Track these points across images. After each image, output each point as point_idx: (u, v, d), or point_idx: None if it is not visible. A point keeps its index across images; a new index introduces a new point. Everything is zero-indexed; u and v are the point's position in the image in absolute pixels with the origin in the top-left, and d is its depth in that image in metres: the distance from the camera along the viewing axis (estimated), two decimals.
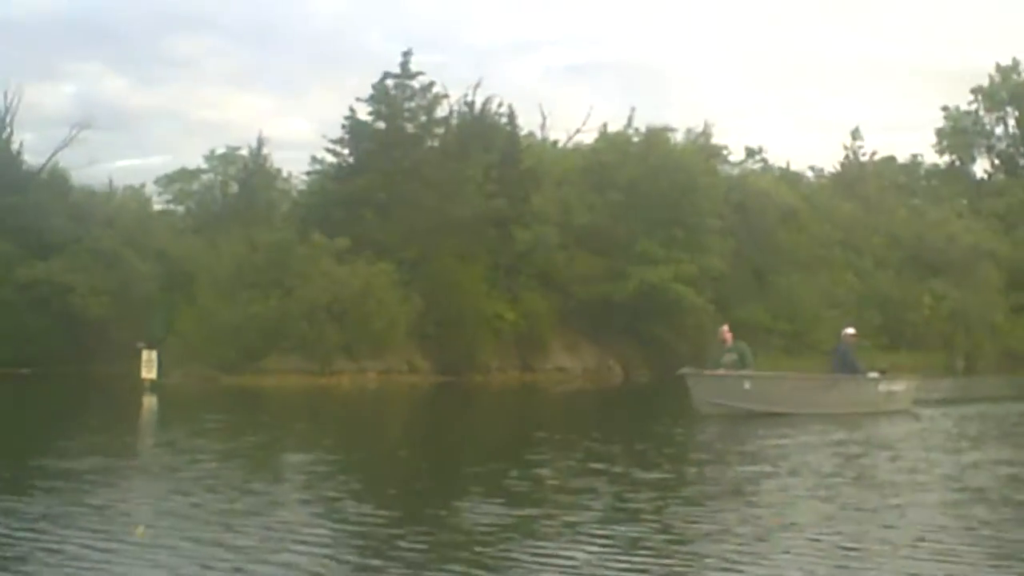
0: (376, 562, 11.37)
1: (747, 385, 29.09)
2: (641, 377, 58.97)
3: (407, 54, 59.98)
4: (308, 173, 65.13)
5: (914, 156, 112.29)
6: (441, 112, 62.85)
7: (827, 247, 76.81)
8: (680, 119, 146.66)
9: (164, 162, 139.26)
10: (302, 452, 21.36)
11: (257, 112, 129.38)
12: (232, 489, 15.96)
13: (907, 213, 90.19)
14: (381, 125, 59.94)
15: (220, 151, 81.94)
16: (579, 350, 62.37)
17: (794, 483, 16.78)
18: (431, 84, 60.64)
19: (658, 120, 71.34)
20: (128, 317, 56.98)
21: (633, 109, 71.40)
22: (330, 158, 61.16)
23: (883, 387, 31.75)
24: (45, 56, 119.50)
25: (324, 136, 61.14)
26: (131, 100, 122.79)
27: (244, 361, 51.95)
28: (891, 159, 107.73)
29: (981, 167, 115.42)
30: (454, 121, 64.32)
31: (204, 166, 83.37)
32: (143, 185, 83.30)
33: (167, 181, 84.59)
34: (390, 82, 59.81)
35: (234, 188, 72.47)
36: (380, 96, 59.61)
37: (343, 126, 59.77)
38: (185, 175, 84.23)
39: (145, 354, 45.55)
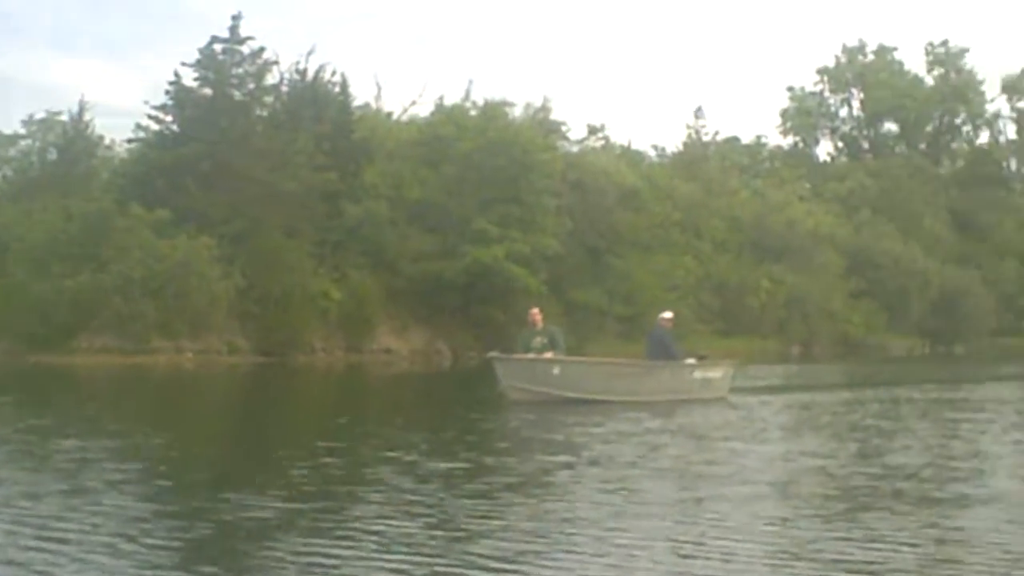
0: (115, 562, 10.13)
1: (556, 370, 27.49)
2: (471, 360, 57.14)
3: (236, 18, 57.44)
4: (130, 141, 62.45)
5: (758, 137, 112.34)
6: (271, 80, 60.55)
7: (666, 229, 75.98)
8: (518, 94, 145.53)
9: None
10: (82, 437, 19.46)
11: (83, 76, 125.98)
12: None
13: (748, 195, 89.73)
14: (207, 92, 57.36)
15: (40, 116, 79.11)
16: (407, 332, 60.54)
17: (593, 474, 15.85)
18: (261, 50, 58.26)
19: (497, 95, 69.72)
20: None
21: (470, 82, 70.03)
22: (154, 126, 58.38)
23: (699, 374, 30.45)
24: None
25: (146, 102, 58.54)
26: None
27: (56, 338, 49.58)
28: (734, 140, 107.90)
29: (825, 150, 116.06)
30: (285, 89, 62.11)
31: (22, 131, 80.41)
32: None
33: None
34: (218, 47, 57.19)
35: (53, 155, 69.53)
36: (207, 61, 57.06)
37: (167, 92, 57.21)
38: (0, 140, 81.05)
39: None
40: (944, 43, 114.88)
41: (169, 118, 57.54)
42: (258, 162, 55.40)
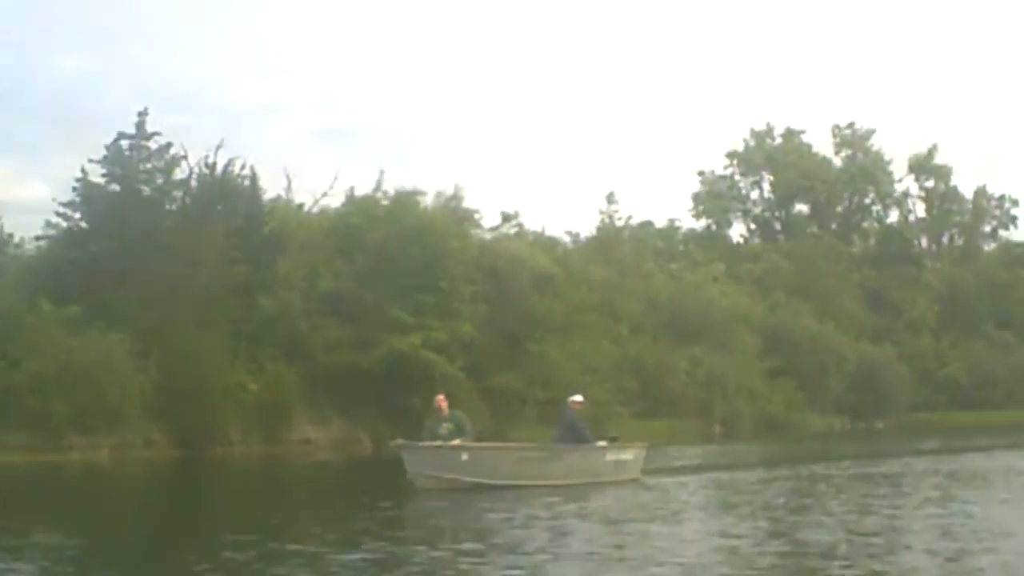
0: None
1: (464, 456, 27.43)
2: (391, 448, 56.98)
3: (142, 114, 57.13)
4: (38, 238, 61.81)
5: (671, 221, 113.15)
6: (181, 174, 60.12)
7: (582, 312, 75.95)
8: (431, 184, 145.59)
9: None
10: None
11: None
12: None
13: (664, 278, 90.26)
14: (115, 188, 56.95)
15: None
16: (327, 421, 60.02)
17: (503, 561, 15.66)
18: (168, 145, 57.84)
19: (408, 184, 69.63)
20: None
21: (382, 172, 69.47)
22: (63, 223, 57.87)
23: (611, 456, 30.67)
24: None
25: (54, 199, 58.08)
26: None
27: None
28: (648, 223, 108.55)
29: (737, 231, 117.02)
30: (194, 184, 61.77)
31: None
32: None
33: None
34: (125, 143, 56.91)
35: None
36: (114, 157, 56.63)
37: (74, 188, 56.72)
38: None
39: None
40: (851, 125, 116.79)
41: (77, 215, 57.05)
42: (168, 257, 54.87)
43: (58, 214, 57.12)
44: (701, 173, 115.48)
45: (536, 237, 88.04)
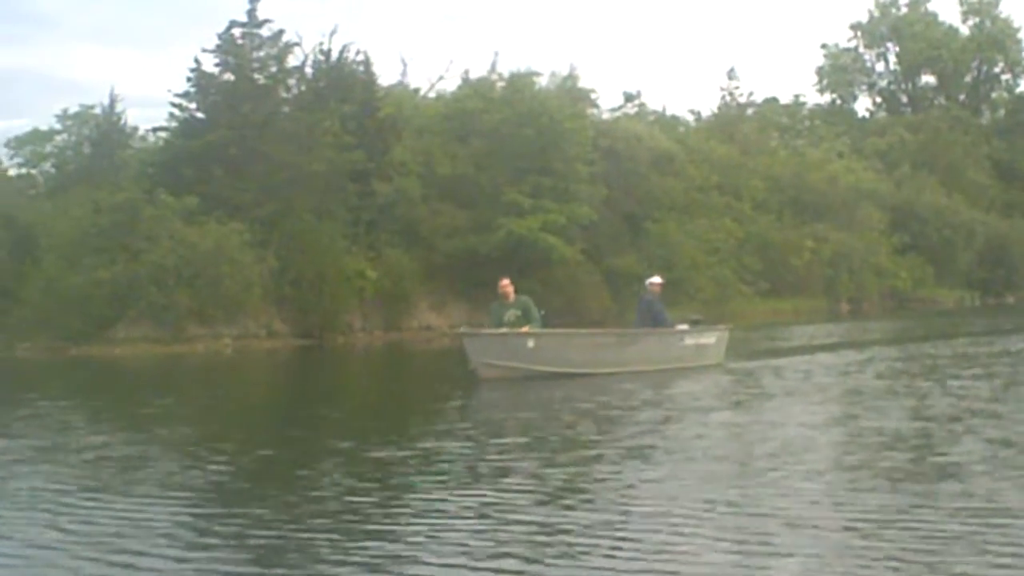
0: None
1: (531, 343, 26.23)
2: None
3: (254, 1, 56.89)
4: (156, 130, 62.19)
5: (796, 96, 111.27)
6: (294, 62, 59.96)
7: (704, 191, 75.17)
8: (546, 65, 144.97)
9: (27, 124, 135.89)
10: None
11: (121, 69, 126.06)
12: None
13: (787, 155, 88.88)
14: (229, 77, 56.87)
15: (74, 110, 79.16)
16: (446, 307, 59.90)
17: (530, 456, 15.00)
18: (280, 32, 57.58)
19: (523, 66, 69.00)
20: None
21: (496, 54, 69.64)
22: (178, 113, 57.95)
23: (690, 340, 29.45)
24: None
25: (169, 91, 58.25)
26: None
27: (93, 330, 49.41)
28: (773, 100, 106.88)
29: (863, 105, 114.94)
30: (309, 71, 61.59)
31: (57, 127, 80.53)
32: None
33: (18, 144, 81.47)
34: (237, 31, 56.72)
35: (87, 149, 69.42)
36: (227, 46, 56.49)
37: (188, 79, 56.73)
38: (37, 136, 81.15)
39: None
40: None
41: (193, 105, 57.09)
42: (285, 145, 54.81)
43: (174, 105, 57.20)
44: (825, 46, 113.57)
45: (657, 116, 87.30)
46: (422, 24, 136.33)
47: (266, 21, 57.11)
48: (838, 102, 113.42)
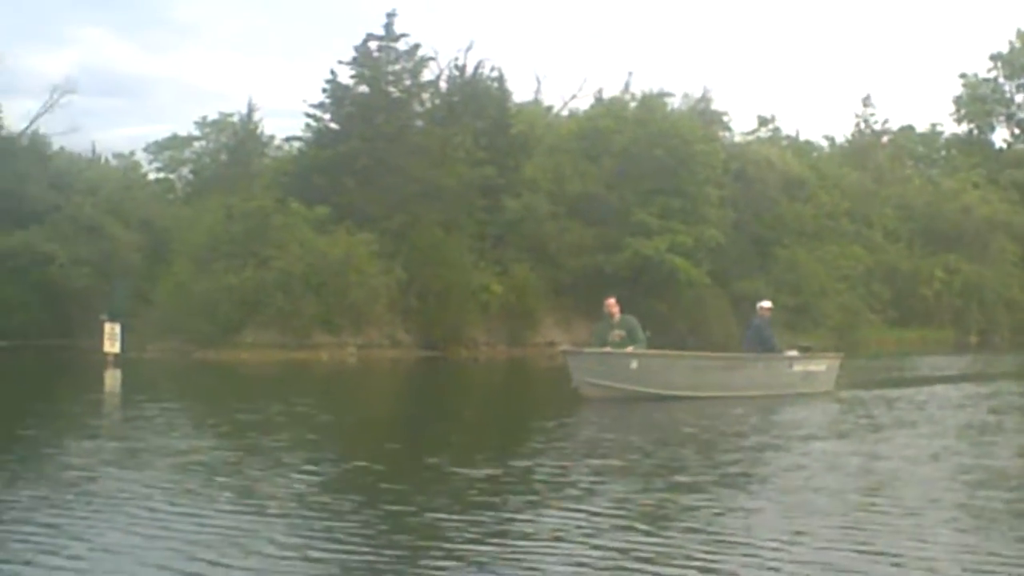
0: None
1: (634, 364, 25.96)
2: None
3: (391, 15, 57.34)
4: (289, 139, 63.04)
5: (933, 125, 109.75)
6: (429, 76, 60.48)
7: (834, 218, 74.58)
8: (680, 86, 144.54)
9: (167, 130, 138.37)
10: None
11: (260, 78, 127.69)
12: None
13: (920, 184, 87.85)
14: (364, 89, 57.41)
15: (212, 117, 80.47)
16: (571, 324, 59.85)
17: (618, 482, 14.80)
18: (416, 46, 58.15)
19: (657, 87, 69.04)
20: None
21: (630, 74, 69.63)
22: (312, 123, 58.64)
23: (799, 367, 28.95)
24: (47, 21, 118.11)
25: (304, 101, 58.94)
26: (134, 67, 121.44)
27: (220, 334, 50.09)
28: (909, 128, 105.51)
29: (1000, 136, 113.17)
30: (443, 85, 62.03)
31: (196, 133, 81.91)
32: (132, 153, 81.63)
33: (157, 148, 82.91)
34: (373, 44, 57.29)
35: (224, 156, 70.51)
36: (363, 59, 57.06)
37: (323, 90, 57.38)
38: (176, 142, 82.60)
39: (108, 327, 43.66)
40: None
41: (327, 116, 57.70)
42: (416, 158, 55.27)
43: (308, 115, 57.90)
44: (963, 76, 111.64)
45: (791, 142, 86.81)
46: (558, 42, 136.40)
47: (402, 35, 57.79)
48: (975, 132, 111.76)
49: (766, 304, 30.04)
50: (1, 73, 62.44)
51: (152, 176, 79.99)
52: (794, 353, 29.38)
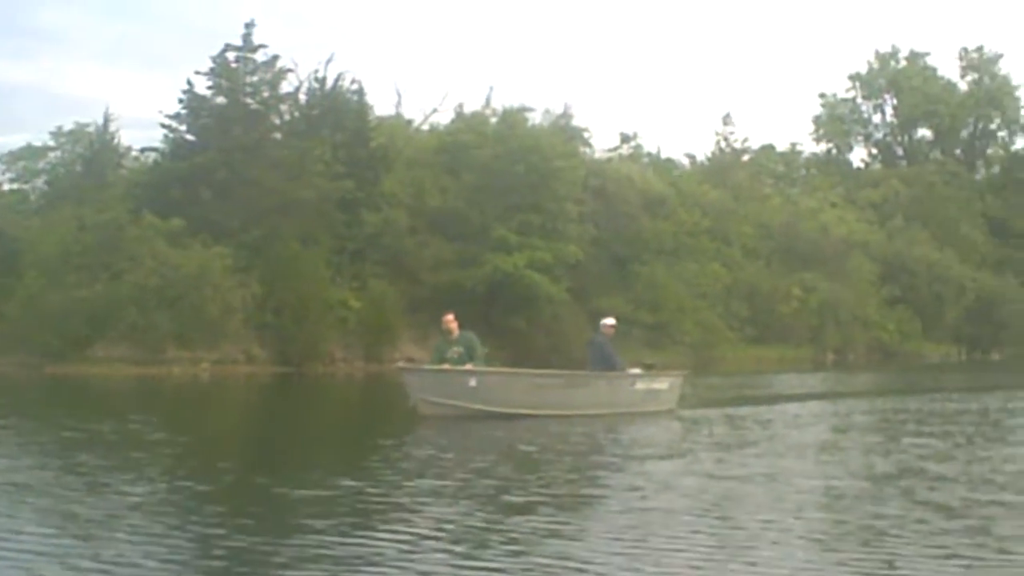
0: None
1: (472, 381, 25.26)
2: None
3: (249, 26, 56.73)
4: (143, 150, 62.04)
5: (793, 145, 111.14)
6: (288, 88, 59.92)
7: (694, 236, 75.04)
8: (542, 102, 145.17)
9: (24, 140, 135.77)
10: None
11: (122, 89, 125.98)
12: None
13: (780, 202, 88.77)
14: (221, 100, 56.66)
15: (69, 127, 78.96)
16: (429, 340, 58.92)
17: (431, 502, 14.38)
18: (275, 58, 57.56)
19: (518, 102, 68.96)
20: None
21: (491, 89, 69.25)
22: (168, 135, 57.77)
23: (641, 385, 28.22)
24: None
25: (160, 111, 58.13)
26: None
27: (71, 349, 49.15)
28: (770, 147, 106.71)
29: (859, 156, 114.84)
30: (303, 98, 61.45)
31: (51, 143, 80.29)
32: None
33: (11, 159, 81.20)
34: (231, 55, 56.58)
35: (79, 167, 69.11)
36: (220, 70, 56.34)
37: (180, 101, 56.56)
38: (31, 152, 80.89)
39: None
40: (979, 49, 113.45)
41: (183, 127, 56.90)
42: (273, 171, 54.69)
43: (163, 126, 57.05)
44: (823, 95, 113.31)
45: (652, 159, 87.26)
46: (418, 55, 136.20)
47: (261, 46, 57.22)
48: (834, 152, 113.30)
49: (609, 321, 29.28)
50: None
51: (7, 187, 78.27)
52: (637, 371, 28.83)
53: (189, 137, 56.86)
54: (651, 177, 75.52)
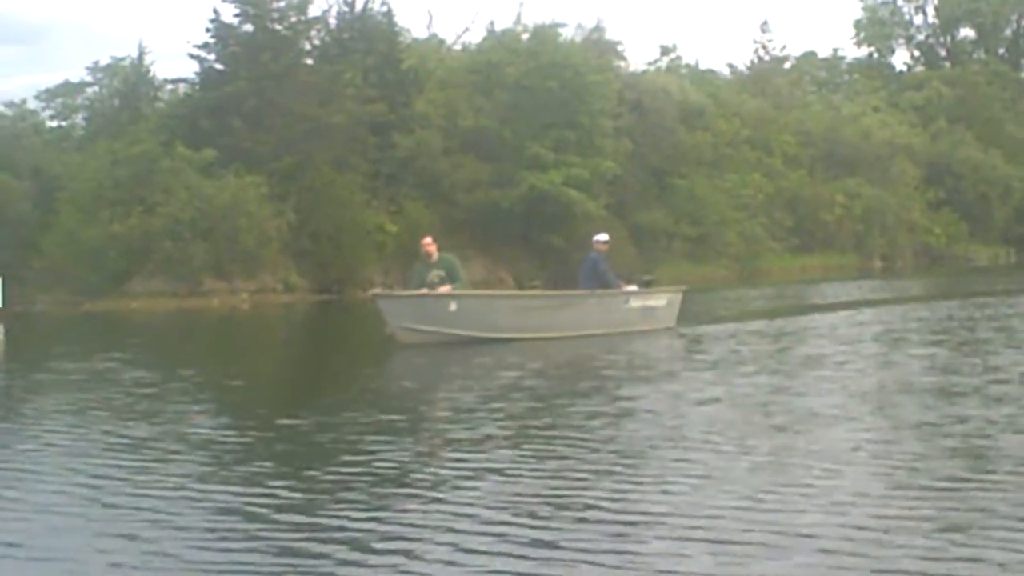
0: None
1: (453, 306, 24.49)
2: (534, 287, 56.25)
3: None
4: (174, 81, 61.71)
5: (835, 50, 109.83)
6: (315, 12, 59.42)
7: (734, 146, 74.26)
8: (574, 17, 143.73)
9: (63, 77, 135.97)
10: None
11: (152, 19, 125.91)
12: None
13: (820, 109, 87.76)
14: (248, 28, 56.22)
15: (104, 62, 78.93)
16: (468, 262, 58.69)
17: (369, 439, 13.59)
18: None
19: (549, 18, 68.33)
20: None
21: (521, 5, 68.44)
22: (196, 65, 57.45)
23: (636, 302, 27.44)
24: None
25: (188, 42, 57.82)
26: (37, 13, 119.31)
27: (109, 284, 49.23)
28: (811, 54, 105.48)
29: (900, 59, 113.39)
30: (333, 21, 61.04)
31: (89, 79, 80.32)
32: (24, 101, 79.86)
33: (49, 96, 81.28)
34: None
35: (116, 101, 69.02)
36: None
37: (207, 30, 56.17)
38: (68, 89, 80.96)
39: None
40: None
41: (212, 56, 56.54)
42: (304, 97, 54.31)
43: (191, 56, 56.66)
44: None
45: (689, 70, 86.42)
46: None
47: None
48: (875, 56, 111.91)
49: (602, 238, 27.93)
50: None
51: (49, 124, 78.36)
52: (632, 288, 27.92)
53: (218, 67, 56.45)
54: (688, 88, 74.66)
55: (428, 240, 25.94)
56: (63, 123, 78.27)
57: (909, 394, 15.64)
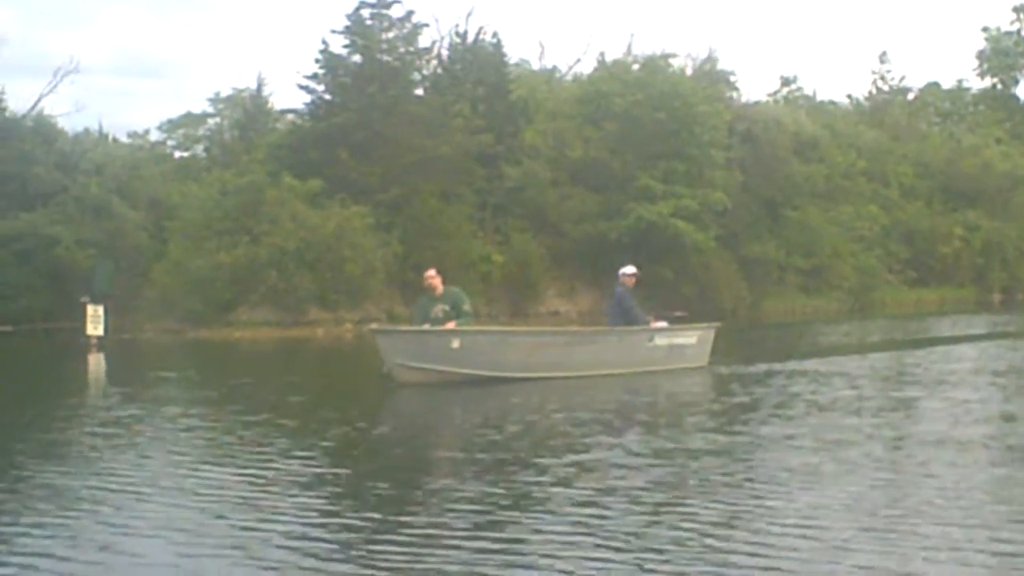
0: None
1: (456, 343, 22.78)
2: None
3: None
4: (282, 111, 62.25)
5: (959, 82, 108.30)
6: (424, 43, 59.64)
7: (849, 177, 73.40)
8: (686, 48, 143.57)
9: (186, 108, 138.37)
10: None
11: (268, 52, 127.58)
12: None
13: (939, 140, 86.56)
14: (357, 58, 56.55)
15: (225, 93, 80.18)
16: (575, 293, 59.20)
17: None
18: (410, 13, 57.07)
19: (660, 49, 68.13)
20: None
21: (632, 36, 68.49)
22: (306, 96, 57.89)
23: (661, 340, 25.57)
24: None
25: (298, 72, 58.30)
26: (168, 46, 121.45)
27: (214, 313, 49.52)
28: (934, 85, 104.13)
29: None
30: (444, 52, 61.23)
31: (210, 110, 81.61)
32: (147, 131, 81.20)
33: (171, 127, 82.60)
34: (365, 12, 56.32)
35: (236, 131, 69.84)
36: (355, 27, 56.17)
37: (316, 60, 56.57)
38: (190, 120, 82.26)
39: (90, 309, 42.87)
40: None
41: (321, 87, 56.90)
42: (412, 127, 54.40)
43: (300, 87, 57.09)
44: (986, 29, 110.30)
45: (808, 101, 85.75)
46: (561, 5, 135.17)
47: (395, 1, 56.74)
48: (998, 87, 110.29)
49: (629, 271, 26.13)
50: (6, 53, 61.26)
51: (177, 155, 79.52)
52: (661, 325, 26.21)
53: (327, 97, 56.79)
54: (802, 119, 74.01)
55: (431, 273, 24.87)
56: (184, 153, 79.36)
57: (928, 445, 14.53)
